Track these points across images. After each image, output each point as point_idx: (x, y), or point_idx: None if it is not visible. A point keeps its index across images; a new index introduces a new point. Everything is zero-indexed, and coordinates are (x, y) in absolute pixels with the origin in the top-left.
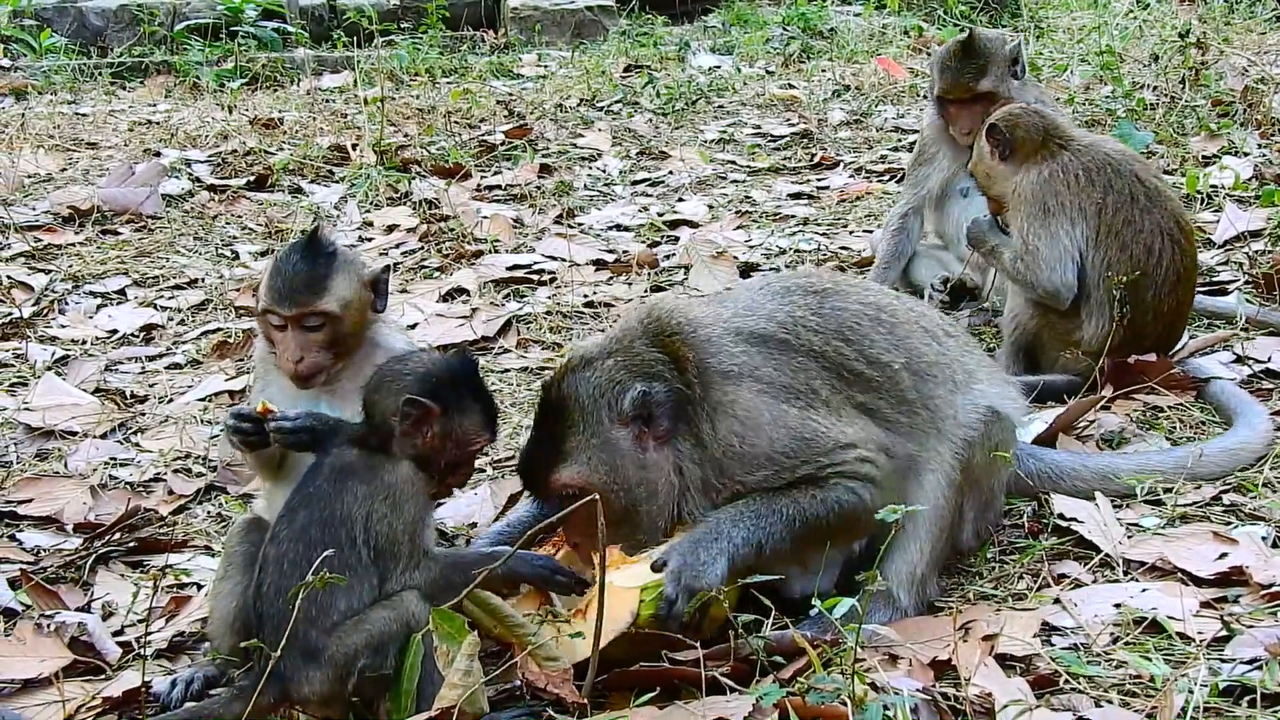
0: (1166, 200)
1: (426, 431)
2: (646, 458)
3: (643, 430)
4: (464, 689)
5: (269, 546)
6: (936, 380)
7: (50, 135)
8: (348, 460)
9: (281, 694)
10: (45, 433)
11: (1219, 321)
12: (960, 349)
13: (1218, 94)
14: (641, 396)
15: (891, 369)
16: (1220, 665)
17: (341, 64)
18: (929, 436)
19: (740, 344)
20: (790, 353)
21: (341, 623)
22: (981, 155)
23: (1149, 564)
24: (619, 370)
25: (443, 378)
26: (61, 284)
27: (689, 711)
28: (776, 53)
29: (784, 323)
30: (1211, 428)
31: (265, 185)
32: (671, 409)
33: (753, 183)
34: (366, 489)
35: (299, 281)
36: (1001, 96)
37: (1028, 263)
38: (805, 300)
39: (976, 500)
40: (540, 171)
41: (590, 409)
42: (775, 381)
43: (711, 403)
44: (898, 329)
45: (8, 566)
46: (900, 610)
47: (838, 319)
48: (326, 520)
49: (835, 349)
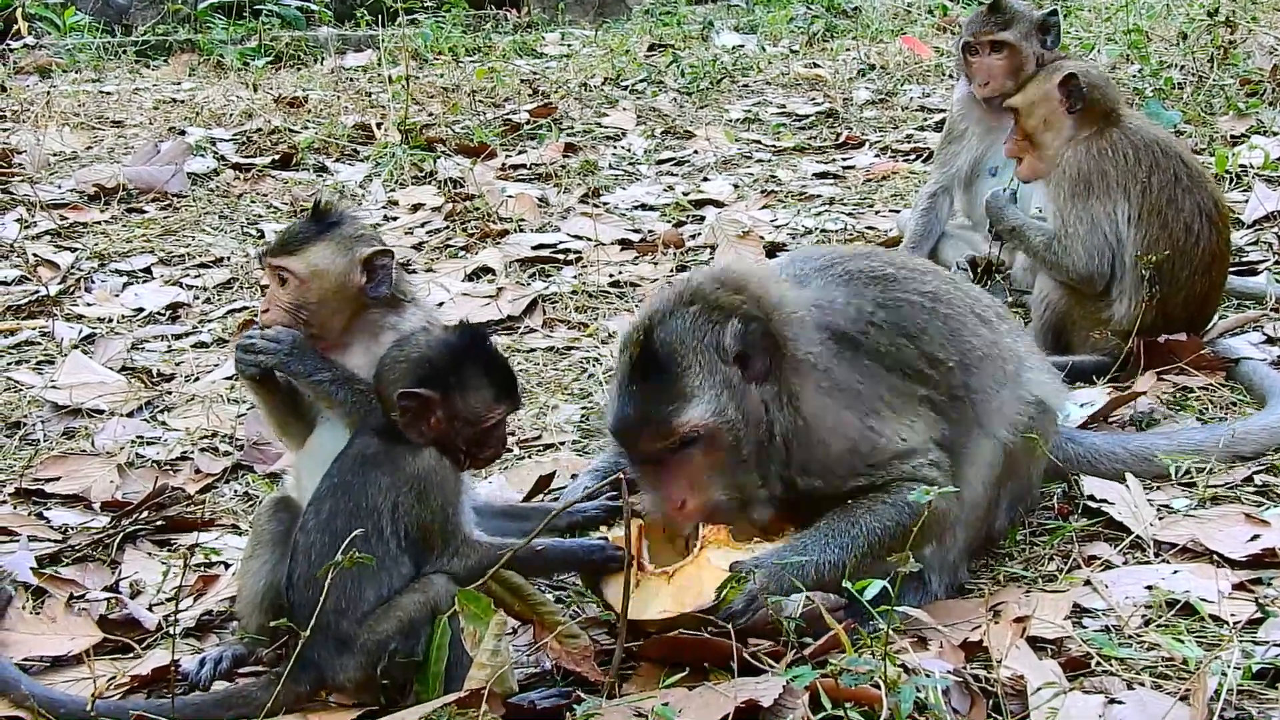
0: (1206, 181)
1: (431, 419)
2: (748, 398)
3: (742, 369)
4: (492, 669)
5: (299, 535)
6: (985, 374)
7: (75, 114)
8: (370, 450)
9: (316, 681)
10: (72, 411)
11: (1249, 302)
12: (1011, 333)
13: (1246, 73)
14: (742, 330)
15: (947, 366)
16: (1253, 648)
17: (365, 42)
18: (972, 429)
19: (817, 334)
20: (860, 354)
21: (372, 612)
22: (1047, 98)
23: (1180, 546)
24: (710, 312)
25: (439, 360)
26: (88, 262)
27: (719, 692)
28: (800, 31)
29: (854, 319)
30: (1243, 408)
31: (290, 164)
32: (765, 351)
33: (778, 162)
34: (390, 480)
35: (284, 238)
36: (1022, 54)
37: (1066, 246)
38: (870, 291)
39: (1013, 490)
40: (565, 151)
41: (699, 349)
42: (842, 383)
43: (798, 370)
44: (952, 320)
45: (36, 544)
46: (931, 594)
47: (900, 314)
48: (353, 512)
49: (899, 347)
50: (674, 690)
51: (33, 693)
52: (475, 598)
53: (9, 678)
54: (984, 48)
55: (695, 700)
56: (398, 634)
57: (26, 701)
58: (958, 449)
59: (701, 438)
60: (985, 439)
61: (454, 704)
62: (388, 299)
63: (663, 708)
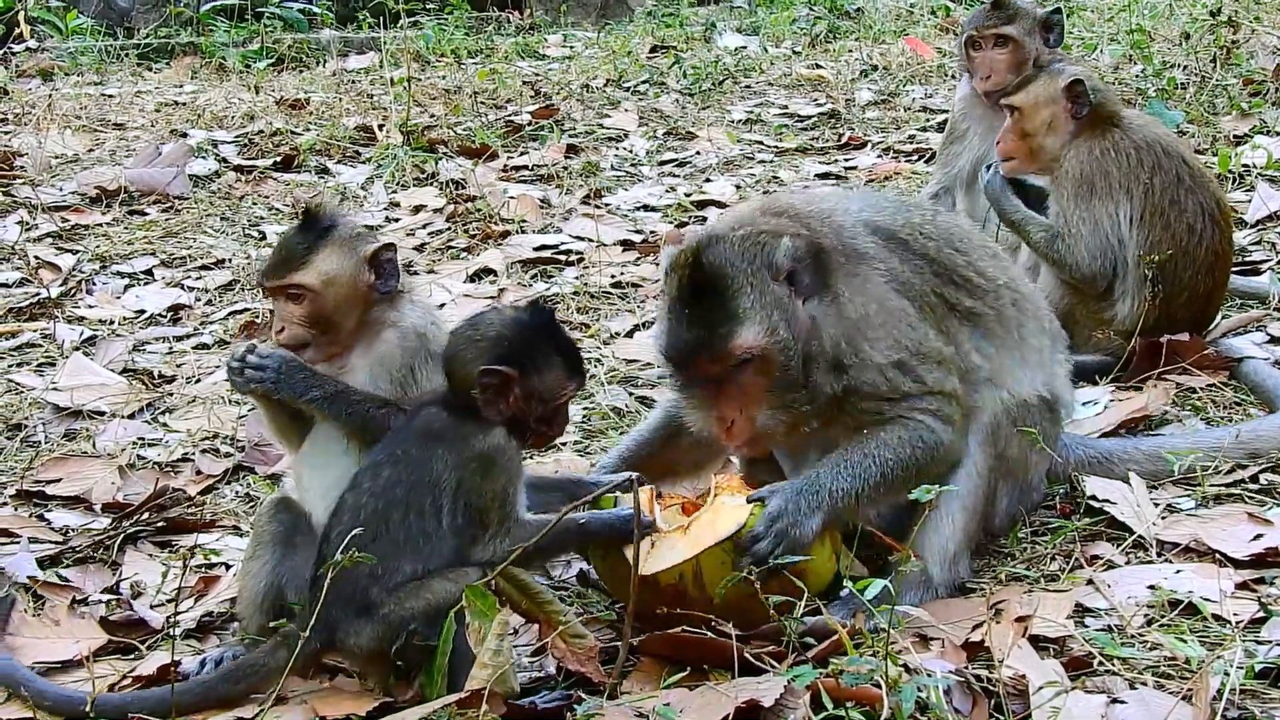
0: (1208, 182)
1: (509, 396)
2: (798, 315)
3: (792, 287)
4: (493, 669)
5: (347, 494)
6: (1030, 314)
7: (77, 116)
8: (437, 425)
9: (326, 641)
10: (73, 413)
11: (1251, 301)
12: (1048, 309)
13: (1249, 73)
14: (792, 248)
15: (997, 282)
16: (1256, 647)
17: (367, 45)
18: (1014, 354)
19: (868, 233)
20: (909, 253)
21: (404, 585)
22: (1053, 102)
23: (1183, 545)
24: (759, 234)
25: (516, 338)
26: (89, 264)
27: (720, 692)
28: (803, 33)
29: (904, 225)
30: (1246, 408)
31: (292, 166)
32: (814, 265)
33: (780, 163)
34: (456, 457)
35: (283, 254)
36: (1025, 50)
37: (1069, 245)
38: (921, 212)
39: (1013, 481)
40: (567, 152)
41: (749, 269)
42: (899, 276)
43: (848, 271)
44: (999, 259)
45: (37, 546)
46: (933, 587)
47: (949, 230)
48: (414, 483)
49: (948, 256)
50: (675, 690)
51: (44, 692)
52: (481, 594)
53: (20, 678)
54: (987, 42)
55: (696, 700)
56: (422, 615)
57: (44, 703)
58: (994, 370)
59: (755, 358)
60: (1023, 370)
61: (455, 704)
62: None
63: (664, 708)
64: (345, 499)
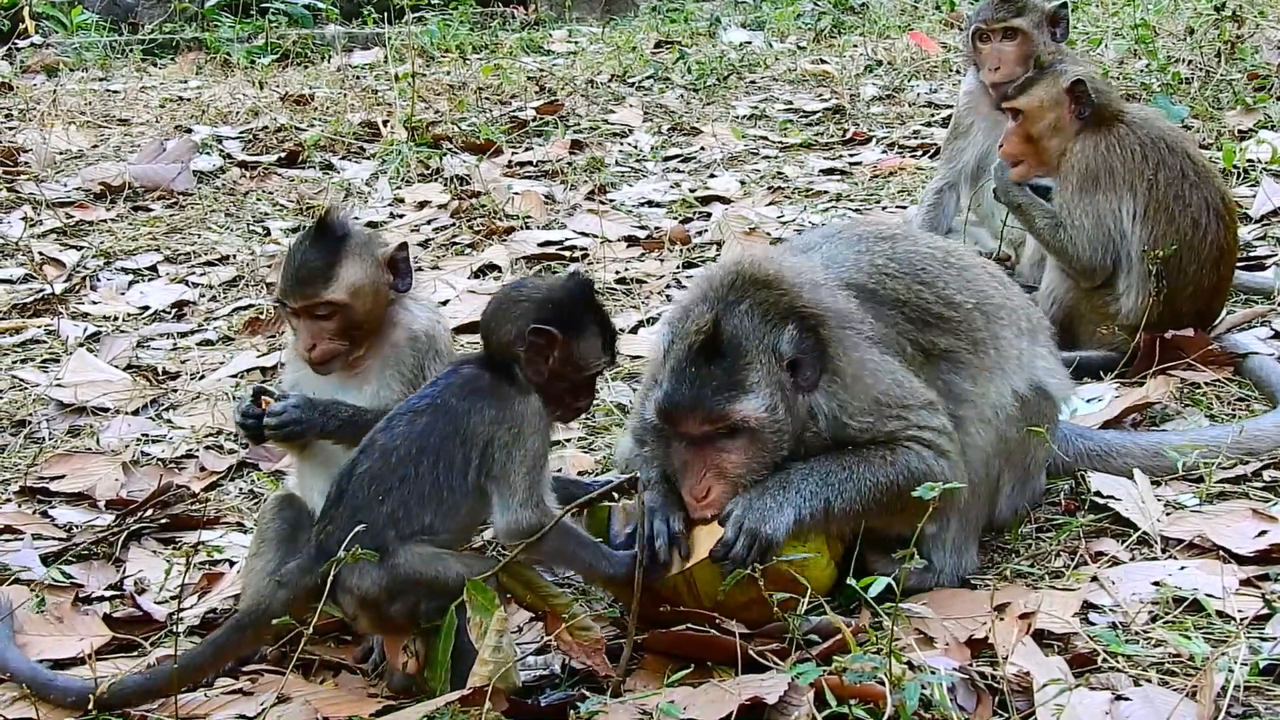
0: (1213, 177)
1: (549, 357)
2: (797, 404)
3: (794, 377)
4: (495, 665)
5: (380, 434)
6: (1004, 322)
7: (82, 112)
8: (482, 382)
9: (326, 575)
10: (77, 409)
11: (1256, 297)
12: (1023, 301)
13: (1254, 68)
14: (797, 338)
15: (965, 308)
16: (1261, 644)
17: (372, 40)
18: (994, 375)
19: (844, 292)
20: (879, 303)
21: (418, 536)
22: (1057, 104)
23: (1187, 541)
24: (768, 310)
25: (561, 302)
26: (93, 260)
27: (723, 689)
28: (808, 28)
29: (870, 272)
30: (1251, 403)
31: (296, 161)
32: (817, 357)
33: (785, 158)
34: (495, 413)
35: (306, 271)
36: (1034, 43)
37: (1071, 235)
38: (879, 247)
39: (1015, 472)
40: (571, 147)
41: (759, 347)
42: (875, 333)
43: (839, 342)
44: (966, 271)
45: (41, 543)
46: (935, 575)
47: (912, 262)
48: (450, 433)
49: (916, 293)
50: (679, 688)
51: (49, 683)
52: (482, 588)
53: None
54: (996, 34)
55: (700, 697)
56: (429, 585)
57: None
58: (978, 395)
59: (748, 430)
60: (1006, 383)
61: (458, 701)
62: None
63: (668, 705)
64: (376, 439)
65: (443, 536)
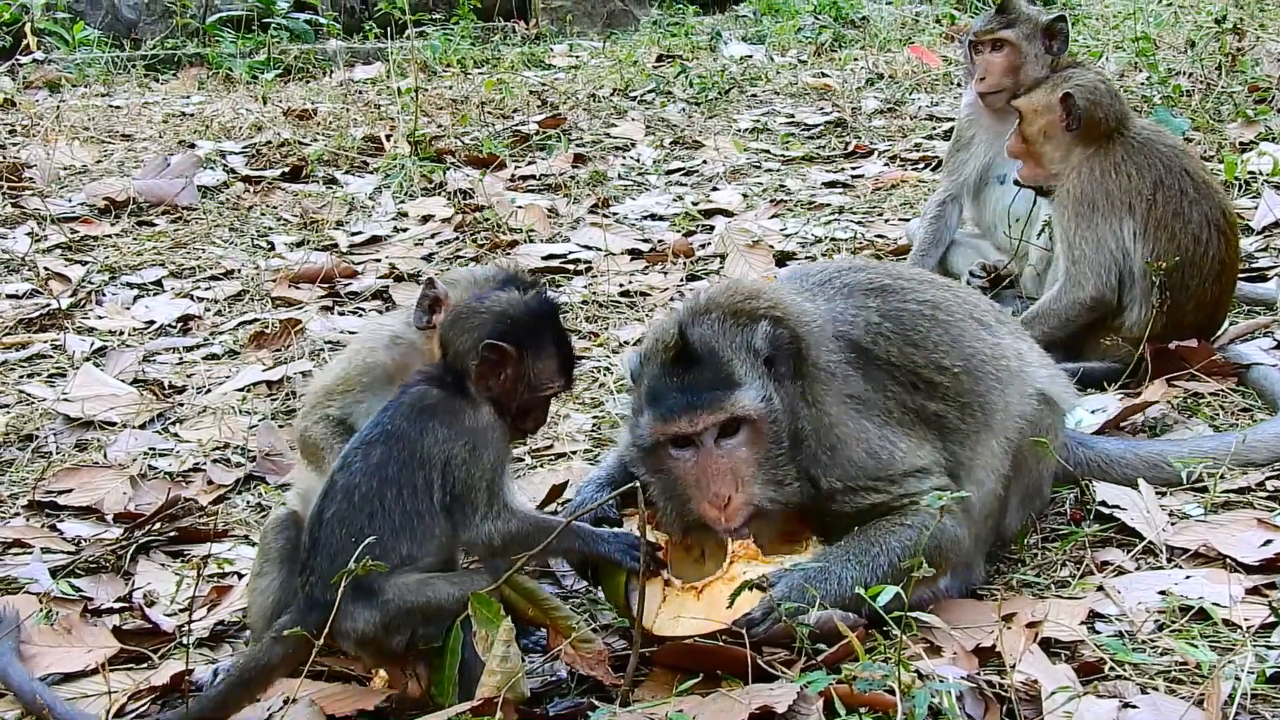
0: (1214, 192)
1: (501, 374)
2: (782, 396)
3: (769, 370)
4: (504, 675)
5: (338, 474)
6: (990, 376)
7: (85, 128)
8: (429, 400)
9: (321, 623)
10: (84, 423)
11: (1259, 308)
12: (1012, 334)
13: (1254, 80)
14: (771, 332)
15: (953, 373)
16: (1267, 652)
17: (374, 55)
18: (982, 434)
19: (834, 344)
20: (872, 364)
21: (400, 568)
22: (1049, 110)
23: (1193, 551)
24: (735, 316)
25: (521, 319)
26: (98, 275)
27: (733, 699)
28: (808, 42)
29: (865, 330)
30: (1254, 413)
31: (300, 176)
32: (790, 353)
33: (787, 171)
34: (447, 432)
35: None
36: (1023, 54)
37: (1074, 277)
38: (872, 303)
39: (1023, 487)
40: (574, 161)
41: (733, 346)
42: (859, 393)
43: (811, 375)
44: (953, 327)
45: (50, 556)
46: (943, 592)
47: (903, 323)
48: (405, 460)
49: (907, 356)
50: (688, 697)
51: (52, 707)
52: (486, 601)
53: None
54: (986, 45)
55: (709, 707)
56: (422, 612)
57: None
58: (968, 459)
59: (748, 423)
60: (994, 439)
61: (468, 712)
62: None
63: (677, 714)
64: (336, 480)
65: (425, 561)
